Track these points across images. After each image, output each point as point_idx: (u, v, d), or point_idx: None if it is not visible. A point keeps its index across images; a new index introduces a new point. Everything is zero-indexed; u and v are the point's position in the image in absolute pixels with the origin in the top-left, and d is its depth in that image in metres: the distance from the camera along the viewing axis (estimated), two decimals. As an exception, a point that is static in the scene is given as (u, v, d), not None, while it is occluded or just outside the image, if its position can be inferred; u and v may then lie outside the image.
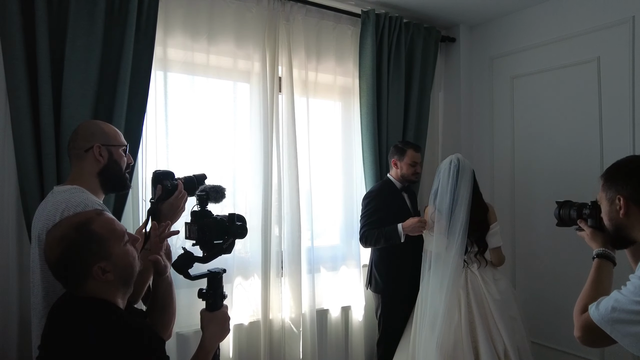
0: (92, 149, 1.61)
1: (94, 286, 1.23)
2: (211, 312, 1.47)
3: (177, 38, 2.59)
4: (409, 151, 2.90)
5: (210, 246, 1.52)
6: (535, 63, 3.26)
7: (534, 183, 3.27)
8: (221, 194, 1.60)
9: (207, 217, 1.54)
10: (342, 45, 3.15)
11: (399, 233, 2.75)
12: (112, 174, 1.65)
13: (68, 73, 2.13)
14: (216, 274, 1.51)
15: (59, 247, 1.21)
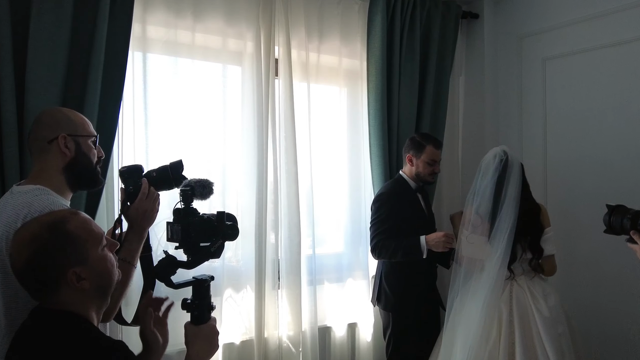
0: (56, 139, 1.56)
1: (67, 296, 1.22)
2: (197, 325, 1.47)
3: (158, 14, 2.59)
4: (429, 147, 2.86)
5: (195, 249, 1.51)
6: (571, 42, 3.25)
7: (570, 181, 3.26)
8: (208, 189, 1.57)
9: (192, 216, 1.53)
10: (349, 22, 3.15)
11: (422, 248, 2.71)
12: (80, 169, 1.61)
13: (33, 54, 2.13)
14: (203, 282, 1.50)
15: (29, 249, 1.19)
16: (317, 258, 3.03)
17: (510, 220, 2.53)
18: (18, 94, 2.12)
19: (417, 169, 2.89)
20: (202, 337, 1.45)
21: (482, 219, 2.58)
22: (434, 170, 2.89)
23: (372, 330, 3.19)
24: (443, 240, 2.68)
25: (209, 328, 1.47)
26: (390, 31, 3.18)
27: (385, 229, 2.80)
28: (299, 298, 2.89)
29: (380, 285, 2.93)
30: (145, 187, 1.66)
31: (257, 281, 2.79)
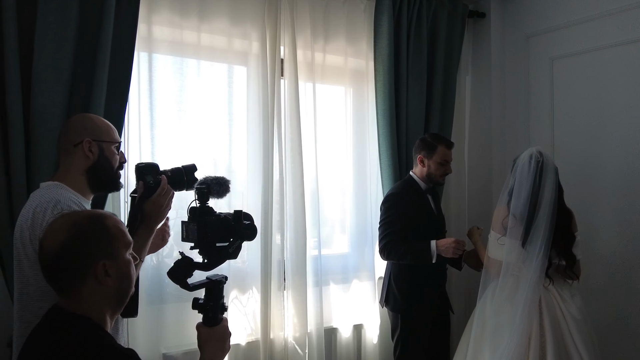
0: (81, 143, 1.68)
1: (89, 291, 1.24)
2: (210, 327, 1.44)
3: (164, 14, 2.59)
4: (440, 147, 2.85)
5: (211, 250, 1.48)
6: (579, 41, 3.23)
7: (579, 182, 3.23)
8: (225, 187, 1.57)
9: (209, 215, 1.50)
10: (354, 22, 3.14)
11: (432, 252, 2.70)
12: (101, 172, 1.72)
13: (39, 54, 2.13)
14: (217, 283, 1.46)
15: (67, 233, 1.22)
16: (323, 259, 3.02)
17: (547, 225, 2.44)
18: (24, 94, 2.12)
19: (428, 170, 2.87)
20: (216, 339, 1.43)
21: (517, 222, 2.49)
22: (445, 171, 2.88)
23: (378, 332, 3.18)
24: (453, 246, 2.67)
25: (222, 329, 1.45)
26: (396, 30, 3.17)
27: (395, 230, 2.79)
28: (305, 299, 2.88)
29: (389, 287, 2.92)
30: (165, 183, 1.73)
31: (262, 282, 2.79)
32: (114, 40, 2.31)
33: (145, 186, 1.71)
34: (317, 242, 3.00)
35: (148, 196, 1.71)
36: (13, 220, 2.06)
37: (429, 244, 2.71)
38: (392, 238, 2.79)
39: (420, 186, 2.91)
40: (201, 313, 1.46)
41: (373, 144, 3.24)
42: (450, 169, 2.91)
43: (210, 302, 1.45)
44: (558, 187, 2.53)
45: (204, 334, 1.43)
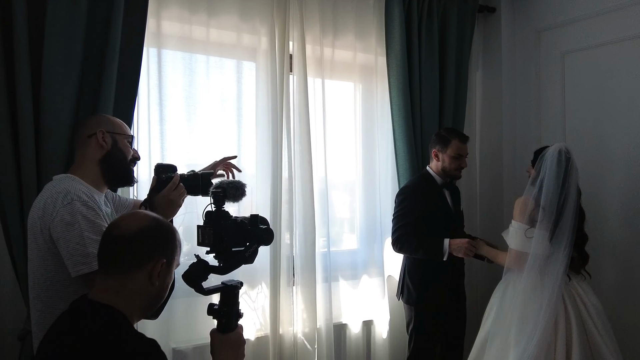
0: (95, 134, 1.75)
1: (135, 283, 1.28)
2: (224, 333, 1.42)
3: (173, 9, 2.59)
4: (454, 141, 2.85)
5: (227, 254, 1.47)
6: (591, 36, 3.19)
7: (590, 178, 3.18)
8: (241, 190, 1.55)
9: (225, 219, 1.49)
10: (363, 17, 3.13)
11: (443, 250, 2.71)
12: (115, 163, 1.77)
13: (49, 49, 2.13)
14: (233, 288, 1.45)
15: (147, 222, 1.31)
16: (332, 255, 3.00)
17: (571, 222, 2.46)
18: (34, 89, 2.12)
19: (443, 164, 2.87)
20: (229, 346, 1.42)
21: (546, 215, 2.49)
22: (460, 165, 2.87)
23: (388, 328, 3.16)
24: (465, 247, 2.67)
25: (236, 337, 1.44)
26: (407, 25, 3.15)
27: (408, 222, 2.80)
28: (314, 295, 2.87)
29: (404, 279, 2.95)
30: (177, 179, 1.78)
31: (272, 278, 2.78)
32: (123, 35, 2.30)
33: (157, 181, 1.76)
34: (326, 237, 2.99)
35: (159, 190, 1.74)
36: (23, 213, 2.07)
37: (442, 241, 2.71)
38: (405, 231, 2.80)
39: (436, 180, 2.91)
40: (215, 319, 1.44)
41: (382, 140, 3.22)
42: (465, 162, 2.91)
43: (224, 307, 1.44)
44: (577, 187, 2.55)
45: (217, 341, 1.42)
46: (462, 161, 2.88)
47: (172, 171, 1.80)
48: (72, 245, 1.58)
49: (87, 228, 1.60)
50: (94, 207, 1.66)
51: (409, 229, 2.80)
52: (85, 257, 1.57)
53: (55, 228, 1.59)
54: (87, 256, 1.57)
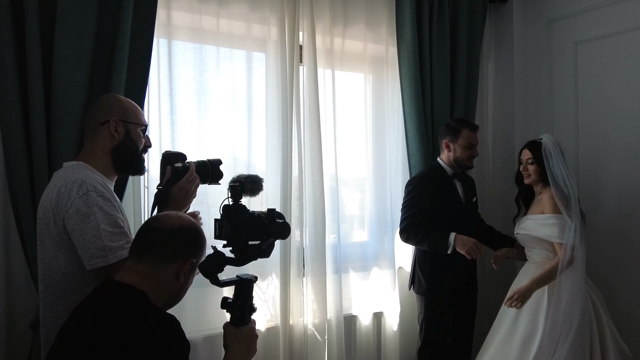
0: (108, 122, 1.69)
1: (166, 276, 1.33)
2: (237, 327, 1.43)
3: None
4: (465, 131, 2.84)
5: (244, 248, 1.47)
6: (604, 25, 3.15)
7: (603, 169, 3.16)
8: (258, 185, 1.56)
9: (242, 213, 1.49)
10: (373, 7, 3.10)
11: (448, 243, 2.68)
12: (126, 153, 1.73)
13: (59, 39, 2.13)
14: (247, 282, 1.46)
15: (190, 223, 1.40)
16: (342, 247, 2.99)
17: (579, 210, 2.61)
18: (45, 78, 2.12)
19: (455, 154, 2.86)
20: (242, 340, 1.42)
21: (572, 204, 2.57)
22: (472, 154, 2.86)
23: (399, 320, 3.15)
24: (470, 246, 2.62)
25: (249, 330, 1.44)
26: (419, 15, 3.13)
27: (415, 212, 2.79)
28: (324, 286, 2.86)
29: (415, 269, 2.95)
30: (193, 169, 1.76)
31: (282, 269, 2.77)
32: (133, 24, 2.30)
33: (173, 171, 1.73)
34: (336, 229, 2.98)
35: (175, 181, 1.72)
36: (35, 203, 2.07)
37: (448, 235, 2.69)
38: (413, 221, 2.79)
39: (446, 171, 2.89)
40: (229, 312, 1.45)
41: (393, 130, 3.20)
42: (476, 151, 2.89)
43: (239, 301, 1.44)
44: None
45: (230, 334, 1.43)
46: (474, 150, 2.87)
47: (184, 160, 1.78)
48: (88, 238, 1.55)
49: (103, 220, 1.57)
50: (110, 198, 1.63)
51: (416, 219, 2.79)
52: (102, 250, 1.55)
53: (70, 219, 1.56)
54: (104, 249, 1.55)
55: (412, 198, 2.82)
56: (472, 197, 3.00)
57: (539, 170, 2.70)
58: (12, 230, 2.18)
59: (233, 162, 2.70)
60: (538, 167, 2.70)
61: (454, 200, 2.88)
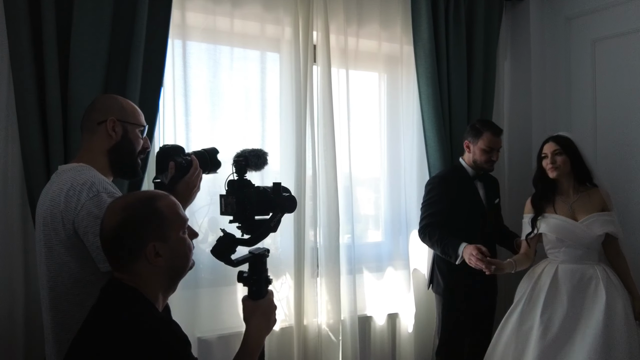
0: (105, 122, 1.63)
1: (142, 268, 1.27)
2: (255, 300, 1.43)
3: (197, 0, 2.59)
4: (486, 134, 2.79)
5: (251, 222, 1.47)
6: (622, 22, 3.10)
7: (622, 169, 3.10)
8: (263, 159, 1.55)
9: (247, 188, 1.48)
10: (388, 5, 3.09)
11: (458, 253, 2.60)
12: (123, 154, 1.67)
13: (76, 40, 2.16)
14: (260, 257, 1.45)
15: (120, 215, 1.26)
16: (357, 247, 2.98)
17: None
18: (62, 79, 2.15)
19: (473, 156, 2.83)
20: (261, 312, 1.42)
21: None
22: (490, 158, 2.81)
23: (414, 322, 3.13)
24: (474, 255, 2.48)
25: (268, 302, 1.44)
26: (435, 13, 3.10)
27: (435, 211, 2.76)
28: (338, 287, 2.85)
29: (433, 269, 2.93)
30: (197, 163, 1.72)
31: (296, 269, 2.77)
32: (148, 26, 2.32)
33: (177, 167, 1.69)
34: (350, 229, 2.97)
35: (181, 177, 1.68)
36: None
37: (459, 245, 2.60)
38: (432, 220, 2.76)
39: (467, 172, 2.86)
40: (245, 286, 1.45)
41: (407, 130, 3.19)
42: (496, 156, 2.84)
43: (254, 275, 1.44)
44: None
45: (248, 308, 1.43)
46: (493, 154, 2.81)
47: (183, 153, 1.75)
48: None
49: None
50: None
51: (434, 219, 2.75)
52: None
53: (82, 222, 1.50)
54: None
55: (431, 197, 2.80)
56: (494, 198, 2.95)
57: (568, 161, 2.59)
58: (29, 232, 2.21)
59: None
60: (567, 158, 2.59)
61: (475, 201, 2.84)
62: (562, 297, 2.50)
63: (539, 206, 2.68)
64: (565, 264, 2.57)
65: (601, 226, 2.54)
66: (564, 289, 2.51)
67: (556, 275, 2.55)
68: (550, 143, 2.65)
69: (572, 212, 2.60)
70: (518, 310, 2.58)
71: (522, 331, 2.53)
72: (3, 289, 2.18)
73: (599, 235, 2.54)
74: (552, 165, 2.60)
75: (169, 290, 1.35)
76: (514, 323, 2.56)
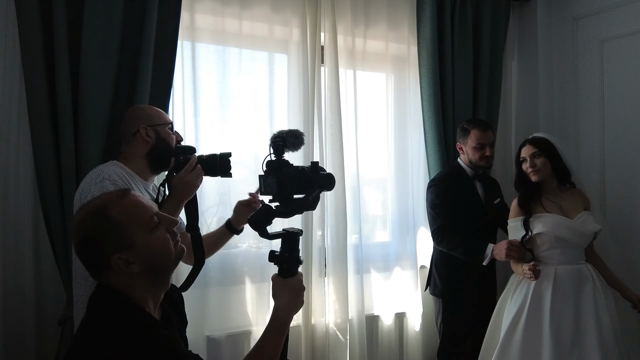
0: (138, 131, 1.84)
1: (118, 278, 1.22)
2: (284, 278, 1.43)
3: (206, 2, 2.61)
4: (473, 131, 2.77)
5: (290, 201, 1.48)
6: (631, 22, 3.07)
7: (630, 170, 3.08)
8: (300, 139, 1.54)
9: (286, 167, 1.50)
10: (395, 6, 3.09)
11: (485, 254, 2.58)
12: (161, 153, 1.86)
13: (86, 42, 2.18)
14: (294, 235, 1.45)
15: (77, 234, 1.22)
16: (364, 247, 2.99)
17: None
18: (72, 80, 2.18)
19: (468, 156, 2.82)
20: (290, 290, 1.40)
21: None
22: (484, 154, 2.77)
23: (421, 321, 3.13)
24: (506, 248, 2.50)
25: (297, 281, 1.43)
26: (440, 14, 3.10)
27: (445, 212, 2.75)
28: (346, 286, 2.86)
29: (431, 271, 2.92)
30: (193, 161, 1.83)
31: (303, 268, 2.77)
32: (158, 28, 2.34)
33: (175, 162, 1.83)
34: (358, 229, 2.98)
35: (176, 171, 1.81)
36: (63, 203, 2.14)
37: (485, 246, 2.60)
38: (445, 222, 2.73)
39: (466, 172, 2.85)
40: (276, 265, 1.46)
41: (415, 131, 3.19)
42: (489, 151, 2.77)
43: (285, 253, 1.44)
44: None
45: (278, 284, 1.42)
46: (485, 150, 2.76)
47: (190, 153, 1.87)
48: None
49: None
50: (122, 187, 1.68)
51: (447, 221, 2.73)
52: None
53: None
54: None
55: (436, 198, 2.78)
56: (494, 198, 2.94)
57: (548, 163, 2.54)
58: (41, 229, 2.24)
59: (255, 162, 2.71)
60: (546, 159, 2.54)
61: (474, 201, 2.83)
62: (568, 301, 2.44)
63: (527, 208, 2.59)
64: (562, 265, 2.50)
65: (593, 224, 2.52)
66: (568, 293, 2.45)
67: (557, 279, 2.47)
68: (527, 146, 2.60)
69: (563, 210, 2.54)
70: (523, 318, 2.47)
71: (531, 340, 2.43)
72: (14, 290, 2.21)
73: (593, 233, 2.53)
74: (533, 169, 2.55)
75: (157, 288, 1.29)
76: (520, 333, 2.44)
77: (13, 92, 2.20)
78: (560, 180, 2.61)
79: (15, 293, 2.21)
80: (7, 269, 2.19)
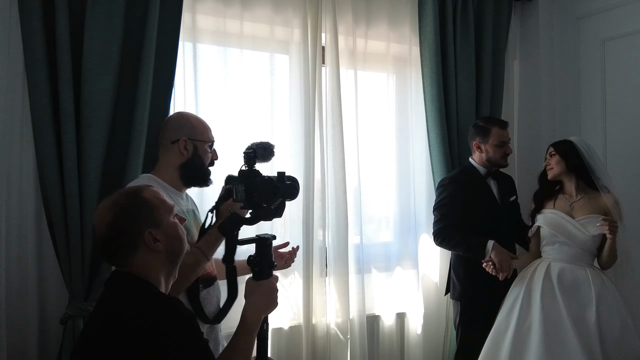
0: (178, 141, 1.88)
1: (143, 257, 1.34)
2: (257, 281, 1.51)
3: (207, 3, 2.62)
4: (494, 129, 2.78)
5: (259, 208, 1.57)
6: (633, 22, 3.08)
7: (632, 171, 3.08)
8: (269, 151, 1.64)
9: (254, 177, 1.58)
10: (396, 6, 3.10)
11: (486, 251, 2.60)
12: (193, 169, 1.91)
13: (88, 43, 2.20)
14: (264, 240, 1.54)
15: (111, 213, 1.34)
16: (365, 247, 3.00)
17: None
18: (75, 81, 2.20)
19: (487, 155, 2.80)
20: (260, 292, 1.49)
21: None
22: (505, 152, 2.79)
23: (422, 321, 3.14)
24: (507, 260, 2.56)
25: (268, 284, 1.51)
26: (442, 13, 3.10)
27: (449, 213, 2.74)
28: (347, 286, 2.87)
29: (450, 274, 2.90)
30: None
31: (305, 267, 2.79)
32: (159, 29, 2.34)
33: (225, 190, 1.85)
34: (359, 229, 2.99)
35: (225, 199, 1.82)
36: (65, 203, 2.16)
37: (486, 242, 2.62)
38: (447, 223, 2.73)
39: (478, 171, 2.84)
40: (252, 267, 1.54)
41: (417, 131, 3.19)
42: (509, 148, 2.82)
43: (258, 257, 1.52)
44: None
45: (249, 286, 1.51)
46: (507, 147, 2.80)
47: (256, 176, 1.85)
48: None
49: None
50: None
51: (450, 221, 2.73)
52: None
53: None
54: None
55: (444, 199, 2.77)
56: (509, 196, 2.91)
57: (562, 162, 2.65)
58: (43, 229, 2.26)
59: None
60: (560, 159, 2.65)
61: (489, 200, 2.81)
62: (556, 297, 2.50)
63: (539, 201, 2.77)
64: (557, 262, 2.59)
65: (595, 227, 2.53)
66: (557, 290, 2.51)
67: (548, 274, 2.57)
68: (550, 146, 2.76)
69: (571, 210, 2.64)
70: (516, 312, 2.55)
71: (521, 331, 2.51)
72: (17, 289, 2.23)
73: (594, 236, 2.54)
74: (547, 167, 2.73)
75: (170, 275, 1.43)
76: (513, 326, 2.53)
77: (16, 94, 2.21)
78: (584, 182, 2.65)
79: (18, 292, 2.23)
80: (10, 269, 2.20)
